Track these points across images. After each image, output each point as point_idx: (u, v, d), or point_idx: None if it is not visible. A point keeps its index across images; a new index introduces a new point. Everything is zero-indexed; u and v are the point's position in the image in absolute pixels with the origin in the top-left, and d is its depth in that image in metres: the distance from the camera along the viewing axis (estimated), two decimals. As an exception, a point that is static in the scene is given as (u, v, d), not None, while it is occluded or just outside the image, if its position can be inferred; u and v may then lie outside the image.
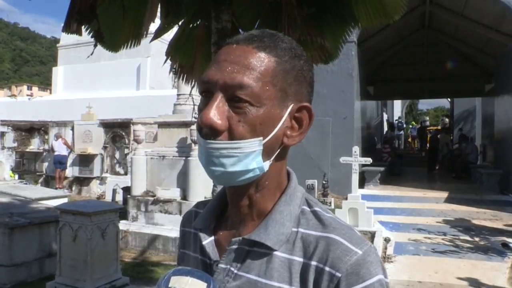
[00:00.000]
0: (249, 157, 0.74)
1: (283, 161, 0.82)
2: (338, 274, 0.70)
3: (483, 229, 8.14)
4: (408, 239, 7.65)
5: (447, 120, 22.76)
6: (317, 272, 0.72)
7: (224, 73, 0.73)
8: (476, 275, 5.83)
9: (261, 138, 0.74)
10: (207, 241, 0.83)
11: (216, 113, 0.73)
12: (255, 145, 0.74)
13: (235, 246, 0.79)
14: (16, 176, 12.91)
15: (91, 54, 3.32)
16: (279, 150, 0.79)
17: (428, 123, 25.92)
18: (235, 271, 0.78)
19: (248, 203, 0.81)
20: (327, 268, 0.71)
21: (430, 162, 16.62)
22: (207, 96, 0.76)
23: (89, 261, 4.61)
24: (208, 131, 0.74)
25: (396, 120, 26.11)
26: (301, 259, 0.74)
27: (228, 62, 0.74)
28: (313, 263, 0.73)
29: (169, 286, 0.74)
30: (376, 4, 3.27)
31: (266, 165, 0.76)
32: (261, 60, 0.75)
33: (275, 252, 0.76)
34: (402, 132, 24.35)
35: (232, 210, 0.84)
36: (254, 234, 0.77)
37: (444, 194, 10.64)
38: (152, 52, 17.26)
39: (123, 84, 18.01)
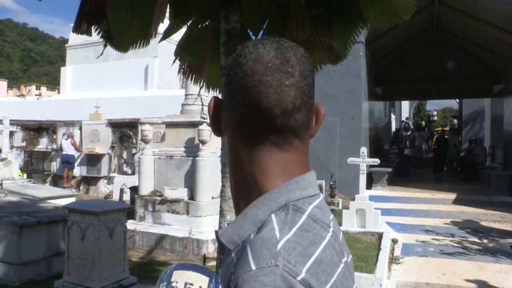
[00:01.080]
0: None
1: (249, 164, 0.77)
2: (232, 285, 0.66)
3: (492, 231, 8.08)
4: (416, 240, 7.61)
5: (455, 121, 22.61)
6: (226, 279, 0.70)
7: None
8: (485, 277, 5.79)
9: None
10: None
11: None
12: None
13: (218, 239, 0.78)
14: (25, 175, 13.00)
15: (101, 55, 3.33)
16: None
17: (436, 117, 25.68)
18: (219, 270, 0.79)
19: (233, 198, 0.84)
20: (232, 277, 0.67)
21: (437, 164, 16.50)
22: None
23: (97, 260, 4.63)
24: None
25: (403, 121, 25.97)
26: (225, 261, 0.74)
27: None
28: (232, 269, 0.69)
29: (172, 280, 0.74)
30: (385, 4, 3.26)
31: None
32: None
33: (232, 253, 0.72)
34: (409, 133, 24.21)
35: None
36: (219, 230, 0.78)
37: (452, 196, 10.58)
38: (160, 52, 17.33)
39: (131, 84, 18.09)
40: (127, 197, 11.06)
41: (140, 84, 18.37)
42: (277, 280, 0.62)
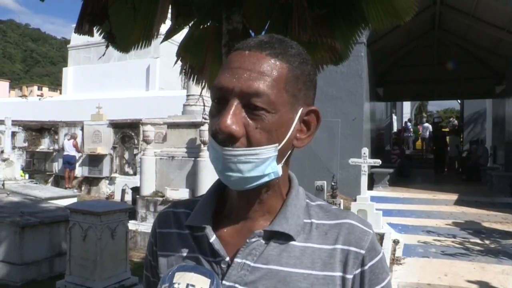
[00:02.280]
0: (265, 163, 0.76)
1: (289, 162, 0.86)
2: (362, 251, 0.80)
3: (494, 232, 8.06)
4: (418, 241, 7.60)
5: (456, 121, 22.54)
6: (343, 254, 0.80)
7: (240, 80, 0.74)
8: (487, 278, 5.78)
9: (277, 144, 0.77)
10: (213, 238, 0.82)
11: (234, 121, 0.73)
12: (271, 151, 0.76)
13: (254, 239, 0.80)
14: (27, 176, 13.01)
15: (103, 55, 3.34)
16: (289, 153, 0.83)
17: (440, 118, 25.62)
18: (252, 264, 0.79)
19: (259, 201, 0.83)
20: (352, 248, 0.80)
21: (437, 164, 16.46)
22: (220, 102, 0.77)
23: (98, 261, 4.64)
24: (225, 138, 0.74)
25: (405, 122, 25.94)
26: (321, 246, 0.81)
27: (243, 69, 0.75)
28: (339, 246, 0.80)
29: (173, 282, 0.75)
30: (387, 5, 3.26)
31: (280, 168, 0.80)
32: (275, 67, 0.76)
33: (293, 242, 0.80)
34: (411, 134, 24.18)
35: (238, 208, 0.85)
36: (276, 226, 0.80)
37: (454, 196, 10.55)
38: (162, 53, 17.36)
39: (133, 85, 18.12)
40: (128, 197, 11.07)
41: (141, 84, 18.39)
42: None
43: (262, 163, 0.76)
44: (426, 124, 23.17)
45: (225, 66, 0.79)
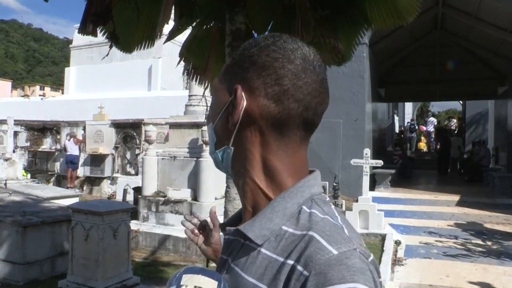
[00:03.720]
0: (211, 142, 0.85)
1: (257, 149, 0.79)
2: (306, 273, 0.64)
3: (496, 233, 8.05)
4: (419, 242, 7.60)
5: (454, 121, 22.38)
6: (290, 271, 0.67)
7: None
8: (489, 279, 5.77)
9: (211, 123, 0.83)
10: (222, 237, 0.85)
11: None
12: (210, 129, 0.84)
13: (228, 237, 0.81)
14: (29, 175, 13.04)
15: (107, 55, 3.35)
16: (235, 133, 0.79)
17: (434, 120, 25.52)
18: (230, 263, 0.79)
19: (241, 193, 0.82)
20: (298, 267, 0.65)
21: (441, 165, 16.44)
22: None
23: (100, 260, 4.65)
24: None
25: (408, 122, 25.89)
26: (280, 259, 0.69)
27: None
28: (289, 261, 0.68)
29: (181, 284, 0.75)
30: (390, 6, 3.26)
31: (217, 146, 0.84)
32: (228, 62, 0.85)
33: (261, 249, 0.73)
34: (414, 134, 24.14)
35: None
36: (241, 225, 0.76)
37: (456, 197, 10.55)
38: (164, 53, 17.37)
39: (135, 85, 18.14)
40: (130, 197, 11.08)
41: (143, 84, 18.41)
42: (357, 262, 0.65)
43: (212, 143, 0.85)
44: (432, 118, 23.07)
45: None
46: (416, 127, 25.43)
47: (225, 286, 0.75)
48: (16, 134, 14.02)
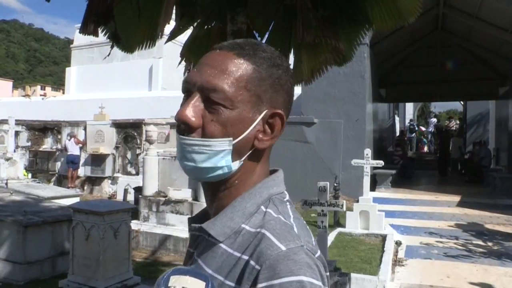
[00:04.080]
0: (218, 156, 0.79)
1: (258, 163, 0.86)
2: (258, 267, 0.71)
3: (497, 234, 8.05)
4: (420, 242, 7.60)
5: (454, 121, 22.32)
6: (244, 265, 0.74)
7: (202, 75, 0.80)
8: (490, 280, 5.77)
9: (231, 138, 0.79)
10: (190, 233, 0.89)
11: (192, 111, 0.79)
12: (225, 144, 0.79)
13: (194, 233, 0.86)
14: (30, 175, 13.06)
15: (108, 55, 3.35)
16: (250, 152, 0.83)
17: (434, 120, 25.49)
18: (195, 257, 0.84)
19: (216, 197, 0.85)
20: (251, 262, 0.73)
21: (441, 166, 16.42)
22: (187, 95, 0.83)
23: (101, 260, 4.65)
24: (183, 127, 0.80)
25: (408, 123, 25.89)
26: (237, 254, 0.76)
27: (208, 66, 0.81)
28: (244, 257, 0.75)
29: (169, 285, 0.75)
30: (391, 6, 3.26)
31: (235, 165, 0.81)
32: (239, 66, 0.80)
33: (221, 244, 0.79)
34: (414, 134, 24.14)
35: (206, 203, 0.90)
36: (205, 223, 0.82)
37: (457, 198, 10.54)
38: (164, 53, 17.37)
39: (136, 85, 18.14)
40: (131, 197, 11.08)
41: (144, 84, 18.40)
42: (305, 257, 0.72)
43: (215, 155, 0.79)
44: (433, 119, 23.02)
45: (198, 62, 0.86)
46: (416, 128, 25.43)
47: (213, 286, 0.75)
48: (17, 134, 14.02)
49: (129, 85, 18.15)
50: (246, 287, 0.72)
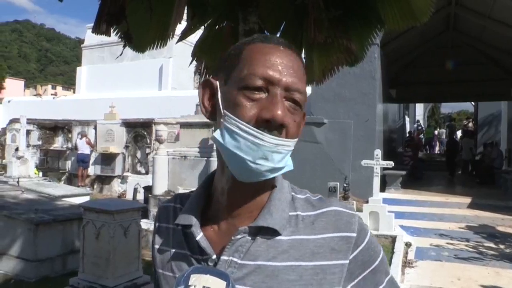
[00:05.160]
0: (288, 155, 0.81)
1: None
2: (354, 234, 0.81)
3: (509, 236, 7.96)
4: (430, 244, 7.53)
5: (470, 122, 22.10)
6: (334, 241, 0.81)
7: (287, 75, 0.78)
8: (501, 283, 5.71)
9: (297, 138, 0.82)
10: (200, 236, 0.84)
11: (285, 111, 0.77)
12: (294, 144, 0.81)
13: (239, 236, 0.81)
14: (40, 174, 13.17)
15: (121, 55, 3.37)
16: None
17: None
18: (239, 261, 0.80)
19: (252, 196, 0.84)
20: (344, 234, 0.81)
21: (449, 167, 16.24)
22: (259, 90, 0.78)
23: (111, 259, 4.66)
24: (275, 126, 0.76)
25: (415, 124, 25.72)
26: (309, 236, 0.81)
27: (286, 65, 0.79)
28: (329, 234, 0.81)
29: (189, 284, 0.74)
30: (403, 6, 3.23)
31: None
32: (303, 68, 0.83)
33: (279, 237, 0.81)
34: (422, 136, 23.97)
35: (226, 204, 0.85)
36: (260, 221, 0.81)
37: (467, 200, 10.44)
38: (174, 53, 17.44)
39: (146, 85, 18.23)
40: (140, 196, 11.14)
41: (154, 84, 18.50)
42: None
43: (287, 155, 0.80)
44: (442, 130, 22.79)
45: (259, 57, 0.80)
46: (424, 130, 25.27)
47: (233, 286, 0.75)
48: (28, 132, 14.16)
49: (139, 84, 18.25)
50: (349, 255, 0.80)
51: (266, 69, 0.78)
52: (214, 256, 0.82)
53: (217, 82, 0.84)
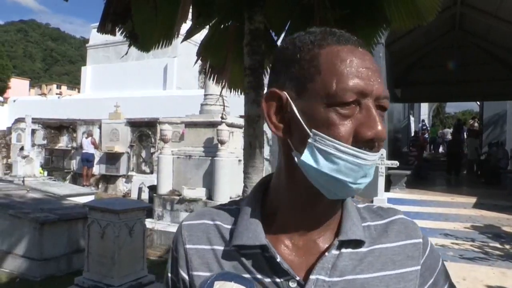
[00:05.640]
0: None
1: None
2: (420, 240, 0.82)
3: (514, 237, 7.92)
4: (435, 244, 7.45)
5: (476, 122, 22.03)
6: (408, 248, 0.81)
7: (375, 83, 0.70)
8: (507, 284, 5.67)
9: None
10: (280, 258, 0.76)
11: (383, 124, 0.70)
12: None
13: (334, 251, 0.76)
14: (45, 173, 13.23)
15: (126, 54, 3.37)
16: None
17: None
18: (327, 279, 0.74)
19: (334, 207, 0.80)
20: (414, 240, 0.82)
21: (451, 167, 16.12)
22: (351, 104, 0.69)
23: (116, 258, 4.67)
24: (374, 144, 0.70)
25: (420, 123, 25.61)
26: (386, 245, 0.80)
27: (374, 71, 0.71)
28: (403, 242, 0.81)
29: None
30: (409, 5, 3.22)
31: None
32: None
33: (361, 248, 0.79)
34: (427, 135, 23.88)
35: (301, 220, 0.79)
36: (350, 233, 0.78)
37: (473, 200, 10.39)
38: (179, 53, 17.47)
39: (150, 84, 18.27)
40: (145, 196, 11.16)
41: (159, 84, 18.53)
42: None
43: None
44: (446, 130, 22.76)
45: (344, 66, 0.71)
46: (429, 129, 25.19)
47: None
48: (33, 132, 14.21)
49: (144, 84, 18.29)
50: (420, 260, 0.81)
51: (358, 80, 0.69)
52: (298, 277, 0.74)
53: (285, 94, 0.74)
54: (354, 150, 0.69)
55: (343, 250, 0.77)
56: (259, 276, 0.76)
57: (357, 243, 0.78)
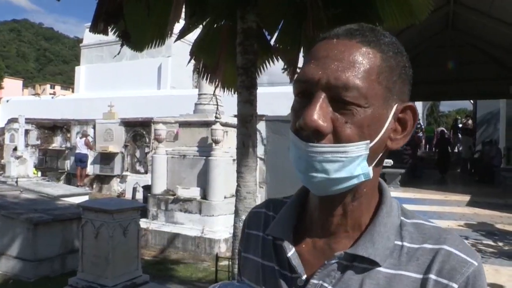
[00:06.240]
0: (354, 162, 0.68)
1: (381, 167, 0.77)
2: (455, 285, 0.68)
3: (507, 234, 7.96)
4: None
5: (469, 120, 22.17)
6: (430, 284, 0.68)
7: (327, 71, 0.67)
8: (501, 281, 5.71)
9: (368, 141, 0.68)
10: (292, 253, 0.76)
11: (321, 115, 0.66)
12: (362, 149, 0.68)
13: (333, 261, 0.72)
14: (39, 173, 13.16)
15: (118, 54, 3.35)
16: (381, 155, 0.74)
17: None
18: (329, 287, 0.72)
19: (343, 212, 0.75)
20: (443, 280, 0.68)
21: (440, 165, 16.18)
22: (304, 96, 0.70)
23: (110, 258, 4.66)
24: (310, 134, 0.67)
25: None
26: (410, 274, 0.70)
27: (330, 59, 0.68)
28: (431, 276, 0.68)
29: None
30: (402, 4, 3.23)
31: (371, 170, 0.71)
32: (367, 55, 0.69)
33: (378, 268, 0.71)
34: (420, 134, 23.99)
35: (319, 220, 0.77)
36: (360, 249, 0.72)
37: (466, 198, 10.46)
38: (173, 52, 17.43)
39: (144, 84, 18.22)
40: (139, 195, 11.14)
41: (153, 83, 18.49)
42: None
43: (351, 162, 0.68)
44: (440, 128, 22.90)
45: (309, 56, 0.71)
46: (423, 127, 25.30)
47: None
48: (27, 132, 14.14)
49: (138, 83, 18.24)
50: None
51: (306, 70, 0.69)
52: (305, 277, 0.74)
53: None
54: (293, 137, 0.70)
55: (356, 263, 0.72)
56: (277, 267, 0.79)
57: (373, 261, 0.71)
